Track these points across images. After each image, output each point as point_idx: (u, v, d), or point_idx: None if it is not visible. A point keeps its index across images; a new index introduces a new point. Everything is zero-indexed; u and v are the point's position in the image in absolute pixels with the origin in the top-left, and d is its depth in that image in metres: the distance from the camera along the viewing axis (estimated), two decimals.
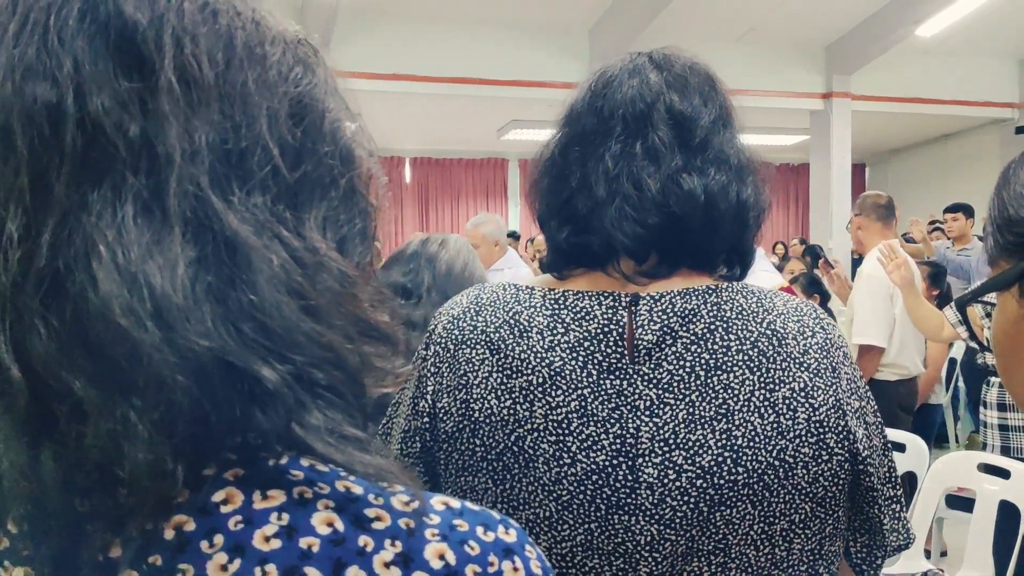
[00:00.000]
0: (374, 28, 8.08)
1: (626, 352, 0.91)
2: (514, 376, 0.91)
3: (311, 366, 0.46)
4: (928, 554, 3.20)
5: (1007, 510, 2.76)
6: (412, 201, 13.34)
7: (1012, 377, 0.67)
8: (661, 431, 0.88)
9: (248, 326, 0.44)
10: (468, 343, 0.94)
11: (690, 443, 0.88)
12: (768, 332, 0.92)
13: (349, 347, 0.48)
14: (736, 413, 0.89)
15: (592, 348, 0.91)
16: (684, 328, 0.91)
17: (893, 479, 0.98)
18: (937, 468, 2.96)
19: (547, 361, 0.91)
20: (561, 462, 0.89)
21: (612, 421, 0.89)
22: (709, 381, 0.89)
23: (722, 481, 0.88)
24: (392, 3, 7.85)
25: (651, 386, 0.90)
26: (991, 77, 10.20)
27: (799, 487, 0.90)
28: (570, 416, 0.89)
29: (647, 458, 0.88)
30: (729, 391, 0.89)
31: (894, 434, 3.15)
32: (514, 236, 9.78)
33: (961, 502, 3.08)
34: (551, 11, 8.22)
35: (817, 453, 0.90)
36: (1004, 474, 2.81)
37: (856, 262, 8.72)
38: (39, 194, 0.43)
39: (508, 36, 8.50)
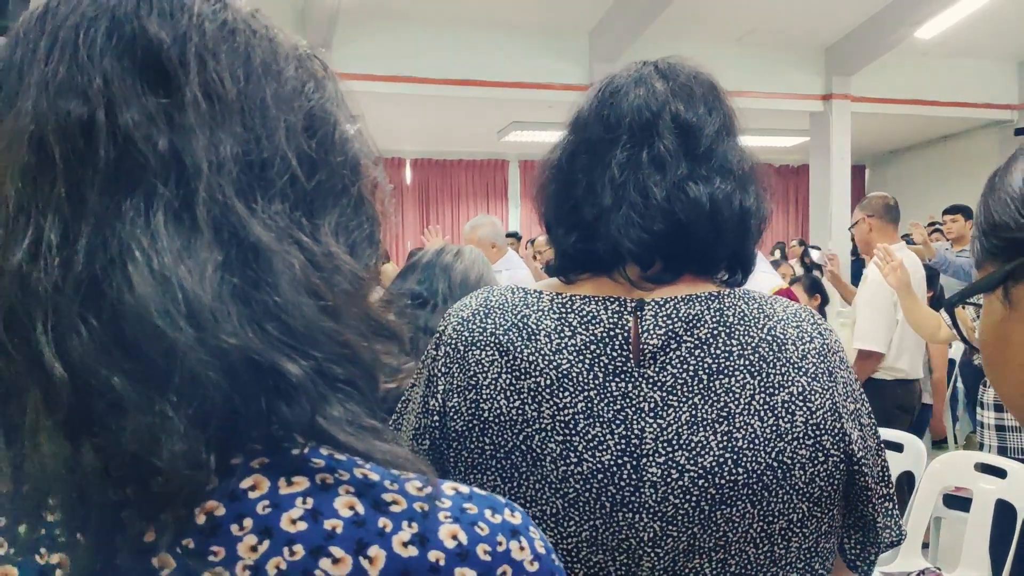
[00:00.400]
0: (375, 30, 8.08)
1: (631, 355, 0.93)
2: (522, 377, 0.93)
3: (331, 362, 0.48)
4: (926, 548, 3.22)
5: (1004, 509, 2.78)
6: (413, 202, 13.30)
7: (997, 375, 0.70)
8: (665, 432, 0.91)
9: (272, 325, 0.47)
10: (478, 345, 0.96)
11: (692, 444, 0.90)
12: (769, 338, 0.94)
13: (364, 344, 0.51)
14: (737, 416, 0.91)
15: (598, 351, 0.93)
16: (688, 333, 0.93)
17: (886, 478, 1.01)
18: (935, 468, 2.98)
19: (554, 363, 0.93)
20: (568, 461, 0.91)
21: (617, 422, 0.91)
22: (711, 385, 0.92)
23: (723, 481, 0.90)
24: (393, 5, 7.85)
25: (655, 389, 0.92)
26: (990, 79, 10.19)
27: (797, 487, 0.92)
28: (577, 417, 0.92)
29: (651, 458, 0.90)
30: (730, 394, 0.91)
31: (893, 434, 3.16)
32: (515, 237, 9.78)
33: (958, 501, 3.10)
34: (551, 13, 8.21)
35: (814, 455, 0.92)
36: (1001, 473, 2.83)
37: (855, 263, 8.71)
38: (75, 203, 0.46)
39: (508, 38, 8.50)
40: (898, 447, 3.13)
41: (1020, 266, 0.64)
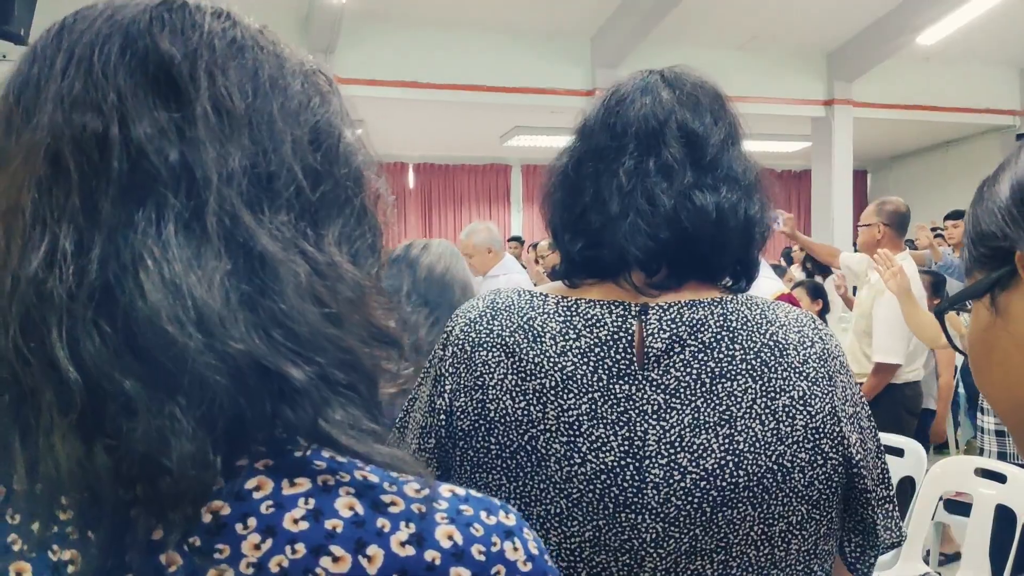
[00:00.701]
0: (378, 35, 8.10)
1: (635, 359, 0.94)
2: (528, 379, 0.94)
3: (333, 367, 0.50)
4: (927, 557, 3.22)
5: (1003, 514, 2.79)
6: (415, 207, 13.30)
7: (983, 379, 0.71)
8: (668, 434, 0.92)
9: (278, 332, 0.48)
10: (484, 346, 0.98)
11: (695, 446, 0.91)
12: (771, 343, 0.95)
13: (366, 350, 0.52)
14: (739, 419, 0.92)
15: (602, 354, 0.94)
16: (692, 337, 0.94)
17: (886, 480, 1.02)
18: (935, 473, 2.98)
19: (559, 365, 0.94)
20: (572, 462, 0.92)
21: (621, 424, 0.92)
22: (714, 388, 0.93)
23: (724, 483, 0.91)
24: (396, 10, 7.87)
25: (659, 391, 0.93)
26: (992, 84, 10.19)
27: (796, 490, 0.93)
28: (581, 418, 0.93)
29: (654, 460, 0.92)
30: (733, 398, 0.93)
31: (893, 439, 3.17)
32: (518, 241, 9.79)
33: (959, 506, 3.11)
34: (554, 18, 8.23)
35: (813, 458, 0.93)
36: (1000, 478, 2.83)
37: None
38: (89, 214, 0.47)
39: (511, 43, 8.51)
40: (899, 452, 3.14)
41: (1006, 274, 0.65)
